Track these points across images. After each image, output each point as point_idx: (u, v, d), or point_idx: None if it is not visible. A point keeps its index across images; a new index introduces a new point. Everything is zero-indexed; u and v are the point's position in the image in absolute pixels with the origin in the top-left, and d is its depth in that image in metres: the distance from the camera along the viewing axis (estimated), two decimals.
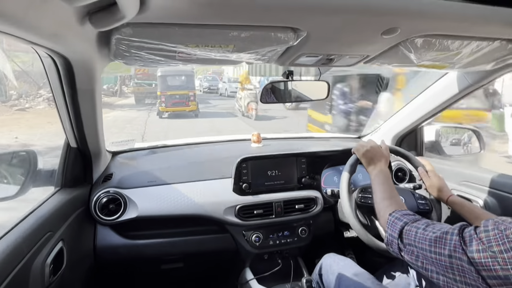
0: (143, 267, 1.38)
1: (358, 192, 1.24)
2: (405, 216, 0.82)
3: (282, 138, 2.03)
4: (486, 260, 0.59)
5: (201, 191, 1.37)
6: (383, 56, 0.97)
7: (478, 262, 0.60)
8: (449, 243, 0.65)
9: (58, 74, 0.88)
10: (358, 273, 1.17)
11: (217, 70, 31.51)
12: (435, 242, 0.68)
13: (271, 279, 1.46)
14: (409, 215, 0.82)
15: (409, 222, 0.79)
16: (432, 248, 0.68)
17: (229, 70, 32.65)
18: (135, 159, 1.59)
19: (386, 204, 0.92)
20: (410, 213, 0.84)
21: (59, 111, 1.04)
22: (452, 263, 0.64)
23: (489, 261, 0.59)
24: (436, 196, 1.16)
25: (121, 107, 14.15)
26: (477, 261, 0.60)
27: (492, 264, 0.58)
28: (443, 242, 0.67)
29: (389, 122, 1.81)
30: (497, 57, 0.98)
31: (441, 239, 0.67)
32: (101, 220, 1.26)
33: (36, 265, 0.85)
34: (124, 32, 0.67)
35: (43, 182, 1.17)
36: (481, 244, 0.61)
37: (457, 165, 1.51)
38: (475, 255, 0.60)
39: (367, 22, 0.71)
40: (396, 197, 0.97)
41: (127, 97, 17.96)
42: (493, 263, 0.58)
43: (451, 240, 0.66)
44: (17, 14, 0.46)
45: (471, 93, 1.41)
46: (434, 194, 1.17)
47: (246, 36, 0.73)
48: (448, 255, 0.65)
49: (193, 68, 13.04)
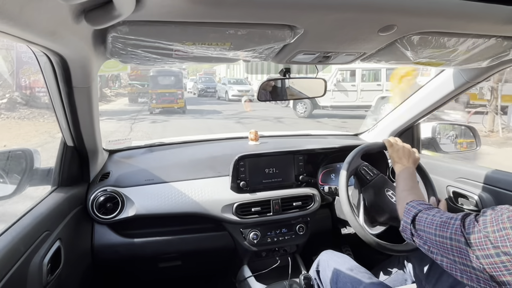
0: (141, 265, 1.38)
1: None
2: (420, 205, 0.87)
3: (279, 136, 2.03)
4: (480, 240, 0.63)
5: (198, 189, 1.37)
6: (379, 54, 0.97)
7: (473, 242, 0.64)
8: (452, 227, 0.71)
9: (54, 73, 0.88)
10: (355, 269, 1.18)
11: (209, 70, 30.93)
12: (439, 226, 0.74)
13: (269, 276, 1.47)
14: (424, 204, 0.87)
15: (423, 210, 0.84)
16: (437, 232, 0.74)
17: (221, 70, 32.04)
18: (132, 157, 1.58)
19: (405, 195, 0.97)
20: (426, 203, 0.88)
21: (55, 109, 1.04)
22: (452, 245, 0.69)
23: (482, 240, 0.63)
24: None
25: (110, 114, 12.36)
26: (472, 242, 0.65)
27: (485, 243, 0.63)
28: (446, 226, 0.72)
29: (386, 119, 1.82)
30: (493, 54, 0.99)
31: (445, 223, 0.73)
32: (98, 219, 1.26)
33: (33, 264, 0.85)
34: (120, 30, 0.67)
35: (40, 181, 1.17)
36: (477, 226, 0.65)
37: (453, 162, 1.52)
38: (471, 237, 0.65)
39: (364, 20, 0.71)
40: (415, 190, 1.00)
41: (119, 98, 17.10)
42: (486, 242, 0.62)
43: (453, 224, 0.71)
44: (12, 13, 0.45)
45: (467, 90, 1.42)
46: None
47: (243, 34, 0.73)
48: (449, 237, 0.70)
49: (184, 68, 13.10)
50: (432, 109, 1.55)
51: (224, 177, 1.42)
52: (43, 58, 0.83)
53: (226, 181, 1.41)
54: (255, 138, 1.74)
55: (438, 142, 1.69)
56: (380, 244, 1.10)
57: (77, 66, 0.85)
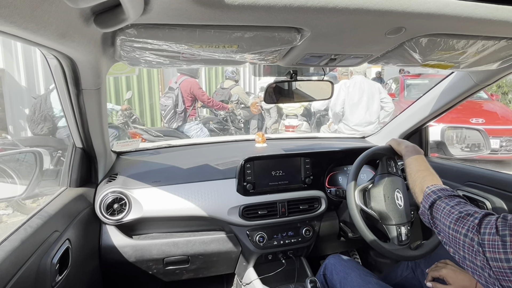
0: (148, 267, 1.39)
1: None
2: (440, 191, 0.85)
3: (286, 138, 2.03)
4: (492, 243, 0.63)
5: (205, 191, 1.37)
6: (387, 56, 0.96)
7: (486, 243, 0.64)
8: (468, 224, 0.69)
9: (64, 75, 0.89)
10: (362, 274, 1.17)
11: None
12: (456, 220, 0.72)
13: (275, 280, 1.46)
14: (445, 191, 0.85)
15: (443, 197, 0.82)
16: (452, 225, 0.73)
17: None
18: (140, 159, 1.59)
19: (422, 175, 0.94)
20: (447, 189, 0.86)
21: (64, 111, 1.06)
22: (465, 242, 0.68)
23: (495, 243, 0.62)
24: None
25: None
26: (485, 243, 0.64)
27: (497, 246, 0.62)
28: (463, 222, 0.71)
29: (394, 122, 1.80)
30: (503, 56, 0.97)
31: (463, 219, 0.71)
32: (106, 220, 1.27)
33: (42, 264, 0.86)
34: (128, 33, 0.68)
35: (49, 182, 1.19)
36: (494, 228, 0.64)
37: (462, 165, 1.50)
38: (485, 237, 0.64)
39: (372, 22, 0.70)
40: (431, 170, 0.98)
41: None
42: (498, 246, 0.62)
43: (472, 222, 0.69)
44: (23, 16, 0.46)
45: (476, 93, 1.40)
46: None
47: (250, 36, 0.73)
48: (464, 234, 0.69)
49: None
50: (441, 111, 1.53)
51: (230, 180, 1.42)
52: (53, 61, 0.85)
53: (232, 184, 1.41)
54: (262, 140, 1.74)
55: (447, 145, 1.67)
56: (387, 249, 1.09)
57: (86, 68, 0.86)
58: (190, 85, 4.15)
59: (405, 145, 1.14)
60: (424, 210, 0.85)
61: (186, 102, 4.19)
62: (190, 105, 4.25)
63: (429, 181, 0.90)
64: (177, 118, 4.21)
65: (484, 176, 1.34)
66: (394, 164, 1.24)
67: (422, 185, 0.90)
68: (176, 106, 4.15)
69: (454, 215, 0.74)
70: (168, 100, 4.14)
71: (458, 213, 0.73)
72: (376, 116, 3.59)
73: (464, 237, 0.69)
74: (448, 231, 0.73)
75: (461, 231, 0.70)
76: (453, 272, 1.01)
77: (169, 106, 4.14)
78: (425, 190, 0.88)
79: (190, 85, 4.15)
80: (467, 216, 0.71)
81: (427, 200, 0.85)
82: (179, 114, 4.20)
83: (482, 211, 0.71)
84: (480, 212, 0.71)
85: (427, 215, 0.84)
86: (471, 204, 0.78)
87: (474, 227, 0.67)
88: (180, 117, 4.22)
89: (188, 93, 4.17)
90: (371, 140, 1.96)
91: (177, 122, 4.24)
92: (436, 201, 0.82)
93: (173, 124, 4.25)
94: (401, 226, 1.13)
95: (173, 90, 4.15)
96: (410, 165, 1.03)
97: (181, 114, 4.21)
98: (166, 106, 4.16)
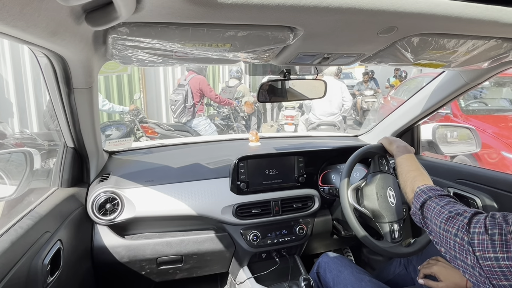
0: (141, 267, 1.38)
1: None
2: (431, 191, 0.85)
3: (280, 137, 2.03)
4: (482, 242, 0.63)
5: (198, 190, 1.37)
6: (379, 55, 0.97)
7: (475, 243, 0.64)
8: (458, 224, 0.70)
9: (55, 74, 0.88)
10: (355, 271, 1.18)
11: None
12: (446, 220, 0.73)
13: (269, 278, 1.47)
14: (436, 190, 0.86)
15: (433, 197, 0.83)
16: (442, 225, 0.73)
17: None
18: (132, 158, 1.58)
19: (412, 175, 0.96)
20: (437, 189, 0.87)
21: (55, 110, 1.04)
22: (455, 241, 0.69)
23: (484, 242, 0.63)
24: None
25: None
26: (475, 242, 0.64)
27: (486, 245, 0.62)
28: (453, 221, 0.71)
29: (386, 120, 1.81)
30: (493, 55, 0.99)
31: (453, 218, 0.72)
32: (98, 220, 1.26)
33: (33, 265, 0.84)
34: (120, 32, 0.67)
35: (40, 182, 1.17)
36: (483, 227, 0.65)
37: (453, 163, 1.52)
38: (475, 236, 0.65)
39: (365, 22, 0.71)
40: (421, 170, 0.99)
41: None
42: (487, 245, 0.62)
43: (461, 221, 0.70)
44: (12, 14, 0.46)
45: (467, 92, 1.42)
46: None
47: (243, 35, 0.73)
48: (454, 233, 0.70)
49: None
50: (432, 110, 1.55)
51: (224, 179, 1.42)
52: (44, 59, 0.83)
53: (226, 183, 1.41)
54: (255, 139, 1.74)
55: (438, 144, 1.69)
56: (380, 247, 1.11)
57: (77, 67, 0.85)
58: (199, 81, 4.55)
59: (397, 145, 1.14)
60: (416, 210, 0.85)
61: (195, 98, 4.59)
62: (198, 101, 4.65)
63: (420, 181, 0.91)
64: (186, 112, 4.61)
65: (475, 173, 1.37)
66: (386, 163, 1.25)
67: (413, 185, 0.91)
68: (186, 101, 4.54)
69: (444, 215, 0.74)
70: (178, 95, 4.53)
71: (448, 213, 0.74)
72: (338, 109, 4.48)
73: (454, 236, 0.69)
74: (438, 231, 0.74)
75: (451, 230, 0.70)
76: (445, 269, 1.02)
77: (179, 101, 4.53)
78: (415, 190, 0.88)
79: (199, 81, 4.55)
80: (457, 216, 0.71)
81: (418, 200, 0.85)
82: (189, 108, 4.58)
83: (472, 210, 0.72)
84: (469, 211, 0.72)
85: (419, 215, 0.84)
86: (460, 203, 0.79)
87: (463, 227, 0.68)
88: (190, 111, 4.60)
89: (197, 89, 4.55)
90: (364, 138, 1.98)
91: (187, 117, 4.63)
92: (426, 201, 0.83)
93: (183, 118, 4.63)
94: (394, 224, 1.14)
95: (183, 87, 4.55)
96: (401, 165, 1.04)
97: (191, 109, 4.60)
98: (176, 101, 4.55)
